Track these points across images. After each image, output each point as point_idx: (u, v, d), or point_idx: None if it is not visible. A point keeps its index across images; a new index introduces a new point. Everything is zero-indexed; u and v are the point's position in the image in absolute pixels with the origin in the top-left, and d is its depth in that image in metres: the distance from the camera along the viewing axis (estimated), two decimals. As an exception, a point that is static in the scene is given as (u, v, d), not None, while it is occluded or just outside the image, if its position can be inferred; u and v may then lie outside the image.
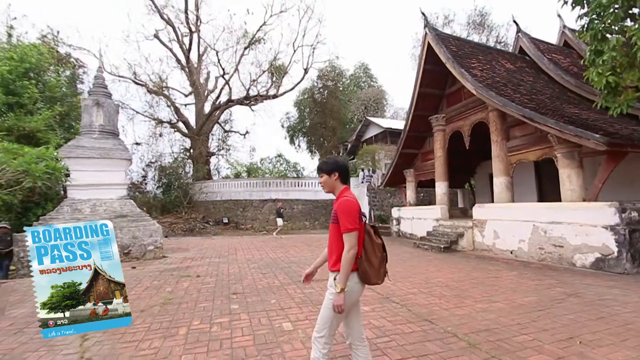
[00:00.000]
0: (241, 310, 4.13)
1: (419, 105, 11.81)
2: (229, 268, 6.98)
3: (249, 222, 18.67)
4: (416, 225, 12.07)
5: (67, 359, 2.94)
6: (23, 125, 10.47)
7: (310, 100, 28.18)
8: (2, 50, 12.61)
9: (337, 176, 2.16)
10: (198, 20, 22.21)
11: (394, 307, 4.15)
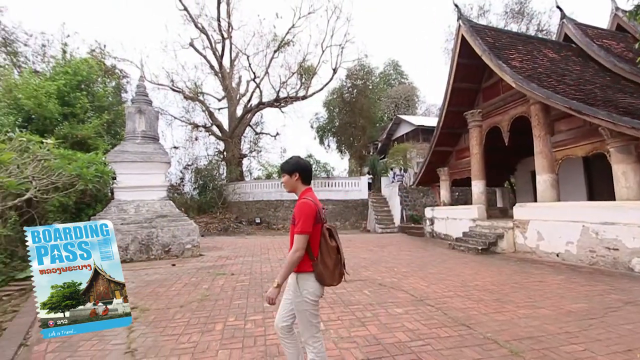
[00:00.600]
0: (274, 309, 4.19)
1: (453, 100, 11.37)
2: (262, 267, 7.14)
3: (281, 222, 18.99)
4: (451, 225, 11.62)
5: (116, 348, 3.16)
6: (76, 133, 11.42)
7: (340, 100, 28.12)
8: (58, 66, 13.86)
9: (298, 177, 2.20)
10: (230, 27, 22.99)
11: (428, 310, 4.02)
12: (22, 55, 16.90)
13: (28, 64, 16.50)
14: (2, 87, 11.44)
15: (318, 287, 2.10)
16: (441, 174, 13.16)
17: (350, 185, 19.32)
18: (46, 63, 16.63)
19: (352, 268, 6.84)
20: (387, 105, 32.64)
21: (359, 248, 10.16)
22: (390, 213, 17.79)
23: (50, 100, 11.13)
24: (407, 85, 35.30)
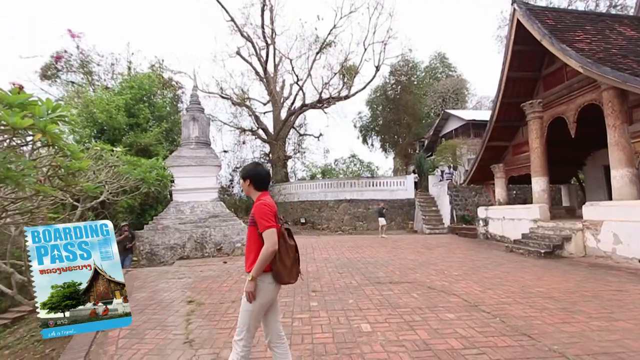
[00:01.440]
0: (320, 308, 4.23)
1: (508, 91, 10.51)
2: (307, 266, 7.24)
3: (325, 222, 19.12)
4: (508, 226, 10.74)
5: (176, 337, 3.41)
6: (140, 140, 12.64)
7: (383, 97, 27.55)
8: (125, 81, 15.46)
9: (249, 182, 2.30)
10: (273, 33, 23.76)
11: (483, 317, 3.75)
12: (96, 74, 19.14)
13: (100, 81, 18.65)
14: (81, 104, 13.03)
15: (272, 289, 2.15)
16: (496, 171, 12.24)
17: (395, 184, 18.82)
18: (115, 79, 18.65)
19: (398, 270, 6.65)
20: (434, 101, 31.23)
21: (405, 249, 9.85)
22: (439, 213, 16.98)
23: (119, 112, 12.44)
24: (456, 78, 33.41)
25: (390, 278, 5.88)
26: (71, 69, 18.74)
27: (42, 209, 3.56)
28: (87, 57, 18.90)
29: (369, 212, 18.49)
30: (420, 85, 30.22)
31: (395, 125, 27.02)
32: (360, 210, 18.65)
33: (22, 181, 2.08)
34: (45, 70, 18.36)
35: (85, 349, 3.22)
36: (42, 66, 18.37)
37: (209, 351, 3.09)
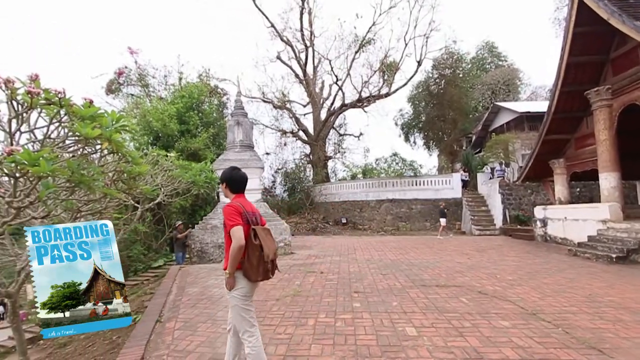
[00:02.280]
0: (363, 309, 4.18)
1: (569, 78, 9.53)
2: (350, 267, 7.20)
3: (367, 223, 18.89)
4: (571, 227, 9.74)
5: (225, 331, 3.58)
6: (190, 146, 13.54)
7: (426, 93, 26.51)
8: (176, 91, 16.67)
9: (225, 185, 2.52)
10: (312, 35, 24.05)
11: (543, 326, 3.43)
12: (152, 86, 20.85)
13: (155, 92, 20.28)
14: (139, 114, 14.28)
15: (246, 284, 2.33)
16: (555, 167, 11.16)
17: (440, 183, 18.01)
18: (167, 90, 20.16)
19: (445, 272, 6.34)
20: (482, 93, 29.34)
21: (452, 251, 9.37)
22: (490, 213, 15.91)
23: (172, 120, 13.43)
24: (506, 68, 31.06)
25: (437, 281, 5.63)
26: (131, 82, 20.65)
27: (108, 209, 3.96)
28: (144, 71, 20.69)
29: (412, 212, 17.91)
30: (467, 78, 28.54)
31: (440, 121, 25.83)
32: (403, 211, 18.13)
33: (93, 185, 2.33)
34: (109, 85, 20.44)
35: (146, 337, 3.51)
36: (107, 82, 20.49)
37: (255, 346, 3.20)
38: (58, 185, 2.29)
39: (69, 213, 3.07)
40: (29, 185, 2.08)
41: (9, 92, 2.01)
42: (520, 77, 30.96)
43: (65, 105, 2.16)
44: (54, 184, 2.18)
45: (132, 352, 3.23)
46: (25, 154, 1.83)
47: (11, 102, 2.04)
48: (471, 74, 30.69)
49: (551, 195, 12.15)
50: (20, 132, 2.14)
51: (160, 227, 10.55)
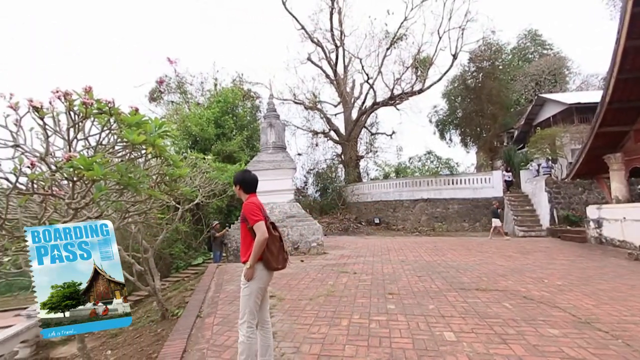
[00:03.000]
0: (398, 312, 4.09)
1: (627, 64, 8.63)
2: (383, 267, 7.08)
3: (400, 223, 18.46)
4: (631, 229, 8.82)
5: (261, 330, 3.68)
6: (225, 148, 14.07)
7: (462, 87, 25.38)
8: (212, 97, 17.42)
9: (239, 187, 2.74)
10: (342, 34, 23.97)
11: (599, 337, 3.14)
12: (189, 92, 21.95)
13: (193, 98, 21.33)
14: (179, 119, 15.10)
15: (265, 275, 2.55)
16: (611, 162, 10.17)
17: (479, 181, 17.13)
18: (204, 96, 21.12)
19: (486, 276, 6.03)
20: (525, 85, 27.50)
21: (494, 253, 8.88)
22: (535, 213, 14.86)
23: (209, 125, 14.04)
24: (552, 56, 28.82)
25: (477, 284, 5.37)
26: (170, 90, 21.90)
27: (153, 210, 4.23)
28: (182, 78, 21.84)
29: (448, 212, 17.21)
30: (507, 70, 26.90)
31: (478, 116, 24.60)
32: (439, 210, 17.49)
33: (139, 187, 2.50)
34: (152, 93, 21.84)
35: (188, 331, 3.69)
36: (149, 90, 21.90)
37: (289, 344, 3.25)
38: (109, 188, 2.48)
39: (118, 213, 3.32)
40: (85, 188, 2.28)
41: (67, 104, 2.21)
42: (569, 65, 28.60)
43: (115, 113, 2.34)
44: (106, 186, 2.37)
45: (175, 344, 3.42)
46: (81, 159, 2.00)
47: (69, 112, 2.25)
48: (512, 66, 28.87)
49: (607, 194, 11.09)
50: (76, 140, 2.35)
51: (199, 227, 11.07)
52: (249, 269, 2.49)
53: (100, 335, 5.73)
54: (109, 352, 4.43)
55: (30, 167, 2.01)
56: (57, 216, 2.53)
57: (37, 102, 2.10)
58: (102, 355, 4.37)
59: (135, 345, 4.32)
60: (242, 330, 2.49)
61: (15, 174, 2.03)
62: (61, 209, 2.54)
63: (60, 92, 2.16)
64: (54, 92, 2.16)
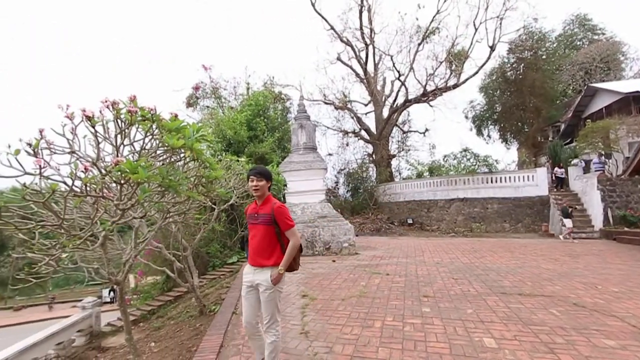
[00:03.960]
0: (433, 315, 3.96)
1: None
2: (417, 269, 6.89)
3: (435, 223, 17.86)
4: (703, 231, 7.84)
5: (294, 327, 3.73)
6: (258, 150, 14.42)
7: (501, 80, 24.02)
8: (245, 100, 17.96)
9: (269, 184, 2.64)
10: (372, 32, 23.65)
11: (665, 351, 2.83)
12: (224, 97, 22.79)
13: (226, 102, 22.12)
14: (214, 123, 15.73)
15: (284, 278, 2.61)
16: (677, 157, 9.12)
17: (521, 179, 16.11)
18: (237, 99, 21.82)
19: (530, 280, 5.66)
20: (572, 75, 25.43)
21: (539, 256, 8.31)
22: (585, 213, 13.70)
23: (242, 127, 14.49)
24: (604, 42, 26.37)
25: (519, 289, 5.05)
26: (206, 95, 22.87)
27: (191, 210, 4.44)
28: (217, 84, 22.72)
29: (487, 212, 16.38)
30: (552, 59, 25.01)
31: (519, 110, 23.16)
32: (477, 210, 16.70)
33: (179, 189, 2.64)
34: (188, 99, 22.94)
35: (224, 327, 3.84)
36: (186, 96, 23.03)
37: (322, 344, 3.26)
38: (152, 190, 2.65)
39: (160, 213, 3.53)
40: (131, 190, 2.45)
41: (115, 112, 2.39)
42: (624, 51, 26.02)
43: (157, 120, 2.49)
44: (149, 188, 2.52)
45: (213, 339, 3.57)
46: (127, 163, 2.15)
47: (117, 120, 2.43)
48: (557, 54, 26.83)
49: (672, 191, 9.96)
50: (123, 145, 2.53)
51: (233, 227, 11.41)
52: (280, 274, 2.50)
53: (144, 328, 6.13)
54: (152, 344, 4.72)
55: (84, 172, 2.20)
56: (107, 216, 2.74)
57: (89, 111, 2.29)
58: (147, 347, 4.66)
59: (176, 339, 4.56)
60: (273, 331, 2.54)
61: (71, 178, 2.23)
62: (110, 210, 2.74)
63: (109, 102, 2.34)
64: (103, 101, 2.34)
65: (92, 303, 7.67)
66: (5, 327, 17.17)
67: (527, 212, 15.52)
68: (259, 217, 2.57)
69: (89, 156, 2.51)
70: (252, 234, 2.61)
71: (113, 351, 5.66)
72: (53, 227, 2.46)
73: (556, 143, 20.21)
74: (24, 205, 2.35)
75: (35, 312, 21.61)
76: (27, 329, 13.45)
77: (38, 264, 2.56)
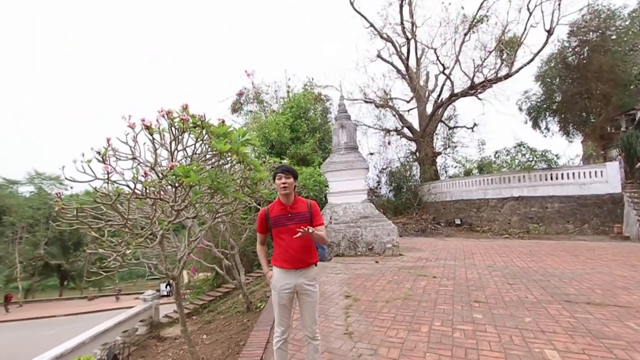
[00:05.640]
0: (486, 322, 3.72)
1: None
2: (467, 272, 6.52)
3: (486, 224, 16.74)
4: None
5: (338, 327, 3.74)
6: (299, 151, 14.68)
7: (561, 67, 21.80)
8: (286, 103, 18.39)
9: (296, 184, 2.59)
10: (413, 26, 22.87)
11: None
12: (265, 101, 23.56)
13: (268, 106, 22.83)
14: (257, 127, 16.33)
15: None
16: None
17: (587, 175, 14.48)
18: (278, 103, 22.42)
19: (600, 287, 5.06)
20: (650, 55, 22.27)
21: (610, 261, 7.40)
22: (670, 213, 11.93)
23: (285, 130, 14.86)
24: (690, 15, 22.72)
25: (587, 297, 4.54)
26: (249, 101, 23.80)
27: (238, 211, 4.64)
28: (259, 89, 23.55)
29: (546, 212, 14.98)
30: (623, 39, 22.08)
31: (583, 99, 20.85)
32: (534, 210, 15.35)
33: (227, 190, 2.78)
34: (233, 105, 24.05)
35: (270, 324, 3.96)
36: (231, 103, 24.18)
37: (366, 345, 3.22)
38: (202, 192, 2.82)
39: (210, 214, 3.75)
40: (184, 192, 2.63)
41: (169, 121, 2.59)
42: None
43: (206, 126, 2.65)
44: (200, 190, 2.69)
45: (259, 335, 3.70)
46: (181, 168, 2.32)
47: (171, 128, 2.63)
48: (630, 33, 23.60)
49: None
50: (177, 151, 2.73)
51: (277, 227, 11.77)
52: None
53: (197, 321, 6.54)
54: (204, 337, 5.02)
55: (144, 176, 2.40)
56: (163, 217, 2.97)
57: (148, 121, 2.50)
58: (199, 339, 4.97)
59: (225, 333, 4.81)
60: (317, 334, 2.53)
61: (133, 182, 2.46)
62: (166, 211, 2.97)
63: (164, 111, 2.54)
64: (160, 111, 2.54)
65: (152, 296, 8.39)
66: (82, 314, 19.47)
67: (595, 211, 13.91)
68: (295, 216, 2.45)
69: (148, 161, 2.74)
70: (286, 236, 2.44)
71: (170, 341, 6.12)
72: (119, 226, 2.73)
73: (631, 134, 17.82)
74: (95, 207, 2.63)
75: (105, 302, 24.19)
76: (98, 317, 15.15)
77: (107, 259, 2.85)
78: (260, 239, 2.67)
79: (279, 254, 2.49)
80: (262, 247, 2.71)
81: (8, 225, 27.09)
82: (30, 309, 22.71)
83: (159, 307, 8.46)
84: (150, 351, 5.72)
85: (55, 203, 2.34)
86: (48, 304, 24.74)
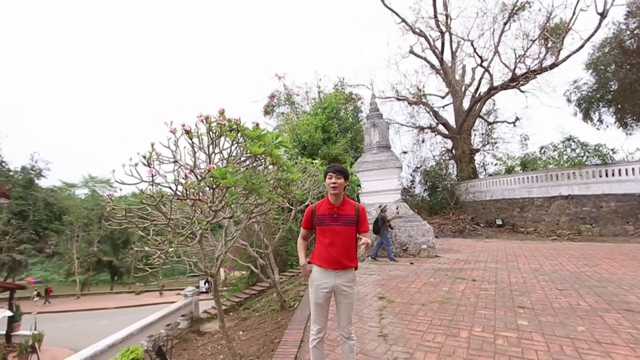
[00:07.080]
0: (532, 329, 3.48)
1: None
2: (510, 276, 6.14)
3: (530, 225, 15.67)
4: None
5: (372, 329, 3.69)
6: (331, 152, 14.69)
7: (616, 52, 19.84)
8: (317, 104, 18.50)
9: (347, 184, 2.53)
10: (448, 18, 21.99)
11: None
12: (297, 103, 23.86)
13: (300, 107, 23.09)
14: (289, 129, 16.59)
15: None
16: None
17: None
18: (309, 104, 22.60)
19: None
20: None
21: (680, 267, 6.61)
22: None
23: (317, 131, 14.97)
24: None
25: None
26: (281, 103, 24.25)
27: (271, 211, 4.75)
28: (290, 91, 23.91)
29: (601, 212, 13.72)
30: (691, 18, 19.70)
31: (642, 86, 18.81)
32: (586, 210, 14.12)
33: (261, 191, 2.85)
34: (265, 108, 24.63)
35: (304, 323, 4.00)
36: (263, 105, 24.78)
37: (402, 349, 3.15)
38: (238, 193, 2.91)
39: (245, 214, 3.86)
40: (221, 194, 2.74)
41: (207, 125, 2.71)
42: None
43: (241, 130, 2.74)
44: (236, 191, 2.79)
45: (293, 333, 3.75)
46: (217, 170, 2.42)
47: (209, 132, 2.75)
48: (702, 10, 20.98)
49: None
50: (214, 154, 2.85)
51: (310, 227, 11.88)
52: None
53: (233, 318, 6.78)
54: (240, 333, 5.19)
55: (185, 178, 2.53)
56: (202, 217, 3.11)
57: (188, 126, 2.64)
58: (236, 335, 5.14)
59: (260, 330, 4.93)
60: (352, 334, 2.53)
61: (175, 184, 2.60)
62: (205, 211, 3.11)
63: (203, 116, 2.66)
64: (199, 116, 2.67)
65: (192, 292, 8.84)
66: (130, 307, 21.03)
67: (660, 211, 12.51)
68: (340, 218, 2.45)
69: (188, 164, 2.88)
70: (329, 235, 2.45)
71: (209, 336, 6.40)
72: (162, 226, 2.91)
73: None
74: (141, 207, 2.82)
75: (150, 296, 25.89)
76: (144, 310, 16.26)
77: (152, 257, 3.04)
78: (303, 234, 2.70)
79: (319, 252, 2.52)
80: (304, 241, 2.73)
81: (67, 225, 29.97)
82: (86, 301, 24.91)
83: (198, 303, 8.89)
84: (190, 345, 6.02)
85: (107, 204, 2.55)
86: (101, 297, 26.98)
